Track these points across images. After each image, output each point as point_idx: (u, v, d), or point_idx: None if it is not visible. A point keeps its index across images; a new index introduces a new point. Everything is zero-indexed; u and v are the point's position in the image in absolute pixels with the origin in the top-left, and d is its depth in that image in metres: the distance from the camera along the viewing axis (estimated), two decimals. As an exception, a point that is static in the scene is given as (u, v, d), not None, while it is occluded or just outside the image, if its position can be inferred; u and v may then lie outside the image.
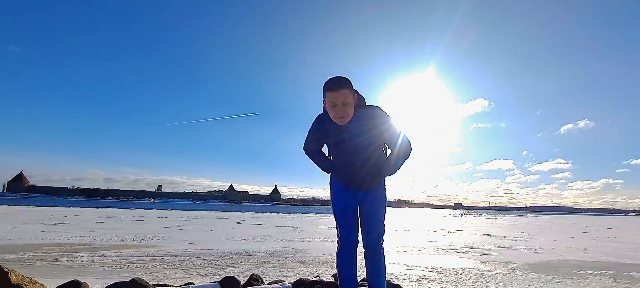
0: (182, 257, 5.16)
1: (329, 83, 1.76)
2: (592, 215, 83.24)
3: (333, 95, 1.74)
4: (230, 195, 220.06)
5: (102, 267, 4.20)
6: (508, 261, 5.47)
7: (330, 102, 1.76)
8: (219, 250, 5.94)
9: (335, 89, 1.74)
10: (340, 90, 1.73)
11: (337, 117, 1.79)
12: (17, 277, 2.13)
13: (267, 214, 23.84)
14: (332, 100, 1.75)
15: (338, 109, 1.75)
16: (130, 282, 2.40)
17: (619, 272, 4.71)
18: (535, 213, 74.54)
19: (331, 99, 1.75)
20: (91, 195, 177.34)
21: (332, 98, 1.74)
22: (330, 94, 1.75)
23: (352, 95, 1.79)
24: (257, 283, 2.77)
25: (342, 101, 1.74)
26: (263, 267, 4.49)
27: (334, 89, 1.74)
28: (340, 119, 1.79)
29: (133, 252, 5.47)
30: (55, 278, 3.21)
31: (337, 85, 1.74)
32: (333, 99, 1.74)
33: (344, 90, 1.74)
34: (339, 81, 1.75)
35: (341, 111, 1.76)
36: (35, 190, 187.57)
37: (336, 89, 1.74)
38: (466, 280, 3.90)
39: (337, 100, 1.74)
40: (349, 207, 1.95)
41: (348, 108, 1.76)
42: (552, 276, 4.28)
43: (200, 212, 23.06)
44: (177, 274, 3.93)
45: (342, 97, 1.73)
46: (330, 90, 1.75)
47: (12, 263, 4.25)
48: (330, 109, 1.78)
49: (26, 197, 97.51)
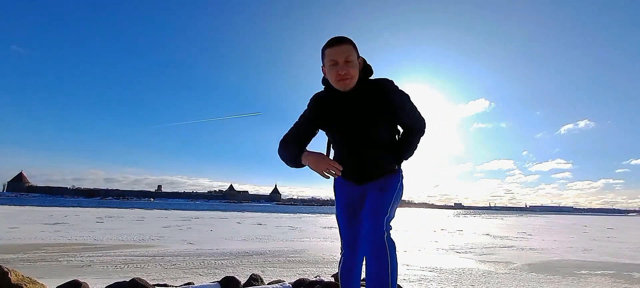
0: (182, 257, 5.16)
1: (329, 40, 1.48)
2: (592, 215, 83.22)
3: (333, 52, 1.45)
4: (230, 195, 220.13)
5: (102, 267, 4.20)
6: (508, 261, 5.47)
7: (330, 60, 1.46)
8: (219, 250, 5.94)
9: (335, 44, 1.45)
10: (343, 45, 1.45)
11: (339, 80, 1.46)
12: (17, 277, 2.13)
13: (267, 214, 23.83)
14: (332, 57, 1.45)
15: (340, 68, 1.44)
16: (130, 282, 2.40)
17: (619, 272, 4.71)
18: (535, 213, 74.53)
19: (331, 55, 1.45)
20: (91, 195, 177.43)
21: (333, 54, 1.45)
22: (330, 50, 1.46)
23: (357, 54, 1.50)
24: (257, 283, 2.76)
25: (345, 58, 1.44)
26: (263, 267, 4.49)
27: (334, 45, 1.45)
28: (343, 82, 1.47)
29: (133, 252, 5.47)
30: (55, 278, 3.20)
31: (338, 40, 1.46)
32: (334, 56, 1.44)
33: (346, 46, 1.45)
34: (340, 37, 1.47)
35: (344, 70, 1.44)
36: (35, 190, 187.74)
37: (337, 44, 1.45)
38: (466, 280, 3.90)
39: (339, 57, 1.44)
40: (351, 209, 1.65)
41: (352, 68, 1.45)
42: (552, 276, 4.28)
43: (200, 212, 23.05)
44: (177, 274, 3.93)
45: (344, 53, 1.44)
46: (330, 46, 1.46)
47: (12, 263, 4.25)
48: (331, 71, 1.47)
49: (26, 197, 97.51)
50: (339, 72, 1.44)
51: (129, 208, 28.06)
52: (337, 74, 1.45)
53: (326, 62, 1.49)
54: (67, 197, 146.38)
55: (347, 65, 1.44)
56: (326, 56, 1.48)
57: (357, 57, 1.49)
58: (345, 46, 1.45)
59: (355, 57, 1.47)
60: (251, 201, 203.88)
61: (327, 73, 1.51)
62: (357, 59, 1.49)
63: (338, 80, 1.46)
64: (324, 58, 1.50)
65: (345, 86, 1.48)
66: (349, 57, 1.44)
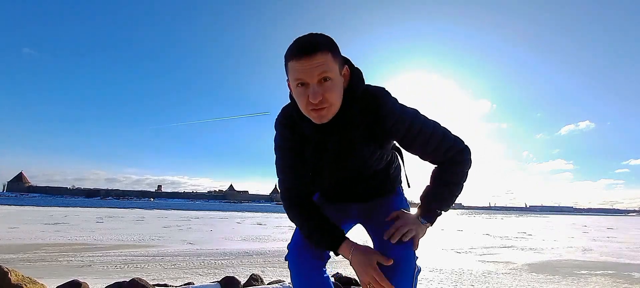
0: (182, 257, 5.16)
1: (293, 45, 0.92)
2: (592, 215, 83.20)
3: (301, 68, 0.89)
4: (230, 195, 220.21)
5: (102, 267, 4.20)
6: (508, 261, 5.47)
7: (296, 79, 0.92)
8: (219, 250, 5.94)
9: (304, 55, 0.88)
10: (315, 56, 0.88)
11: (311, 110, 0.93)
12: (17, 277, 2.13)
13: (267, 214, 23.82)
14: (299, 75, 0.90)
15: (313, 94, 0.90)
16: (130, 282, 2.40)
17: (619, 272, 4.71)
18: (535, 213, 74.54)
19: (298, 73, 0.90)
20: (91, 195, 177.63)
21: (300, 72, 0.90)
22: (295, 64, 0.91)
23: (338, 65, 0.94)
24: (257, 283, 2.77)
25: (319, 76, 0.89)
26: (263, 267, 4.49)
27: (301, 56, 0.89)
28: (317, 113, 0.94)
29: (133, 252, 5.47)
30: (55, 278, 3.20)
31: (306, 49, 0.89)
32: (301, 74, 0.90)
33: (320, 56, 0.88)
34: (310, 41, 0.90)
35: (317, 97, 0.90)
36: (35, 190, 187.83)
37: (306, 55, 0.88)
38: (466, 280, 3.90)
39: (309, 76, 0.89)
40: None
41: (330, 91, 0.91)
42: (552, 276, 4.28)
43: (200, 212, 23.05)
44: (177, 274, 3.93)
45: (318, 68, 0.88)
46: (296, 58, 0.90)
47: (12, 263, 4.25)
48: (300, 96, 0.93)
49: (26, 197, 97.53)
50: (311, 101, 0.90)
51: (129, 208, 28.06)
52: (308, 102, 0.92)
53: (291, 79, 0.95)
54: (67, 197, 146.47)
55: (323, 86, 0.90)
56: (290, 71, 0.94)
57: (340, 67, 0.95)
58: (319, 57, 0.88)
59: (335, 71, 0.92)
60: (251, 201, 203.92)
61: (294, 93, 0.97)
62: (339, 71, 0.95)
63: (310, 110, 0.94)
64: (288, 72, 0.96)
65: (321, 118, 0.95)
66: (325, 73, 0.89)
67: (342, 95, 0.97)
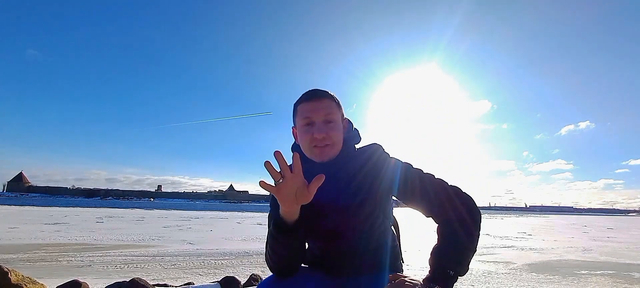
0: (182, 257, 5.16)
1: (304, 94, 1.09)
2: (592, 215, 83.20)
3: (309, 108, 1.04)
4: (230, 195, 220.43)
5: (102, 267, 4.20)
6: (508, 261, 5.47)
7: (303, 119, 1.04)
8: (219, 250, 5.94)
9: (312, 98, 1.05)
10: (322, 100, 1.04)
11: (315, 146, 1.03)
12: (17, 277, 2.13)
13: (267, 214, 23.83)
14: (307, 114, 1.04)
15: (317, 130, 1.02)
16: (130, 282, 2.40)
17: (619, 272, 4.71)
18: (535, 213, 74.51)
19: (306, 112, 1.04)
20: (91, 195, 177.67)
21: (308, 111, 1.04)
22: (304, 106, 1.05)
23: (339, 113, 1.08)
24: (257, 283, 2.77)
25: (324, 116, 1.03)
26: (263, 267, 4.49)
27: (310, 99, 1.05)
28: (320, 150, 1.03)
29: (133, 252, 5.47)
30: (55, 278, 3.21)
31: (315, 94, 1.06)
32: (309, 113, 1.04)
33: (326, 101, 1.04)
34: (318, 90, 1.07)
35: (322, 133, 1.01)
36: (35, 190, 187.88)
37: (314, 98, 1.05)
38: (466, 280, 3.90)
39: (316, 115, 1.03)
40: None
41: (333, 130, 1.03)
42: (552, 276, 4.28)
43: (200, 212, 23.06)
44: (177, 274, 3.93)
45: (323, 110, 1.03)
46: (305, 101, 1.06)
47: (12, 263, 4.25)
48: (305, 134, 1.04)
49: (26, 197, 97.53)
50: (315, 136, 1.01)
51: (129, 208, 28.08)
52: (312, 138, 1.02)
53: (298, 121, 1.07)
54: (67, 197, 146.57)
55: (327, 126, 1.02)
56: (299, 113, 1.07)
57: (341, 117, 1.08)
58: (326, 101, 1.04)
59: (338, 117, 1.06)
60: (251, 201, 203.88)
61: (299, 136, 1.08)
62: (341, 120, 1.08)
63: (313, 147, 1.02)
64: (296, 116, 1.08)
65: (323, 156, 1.03)
66: (329, 115, 1.03)
67: (342, 139, 1.08)
